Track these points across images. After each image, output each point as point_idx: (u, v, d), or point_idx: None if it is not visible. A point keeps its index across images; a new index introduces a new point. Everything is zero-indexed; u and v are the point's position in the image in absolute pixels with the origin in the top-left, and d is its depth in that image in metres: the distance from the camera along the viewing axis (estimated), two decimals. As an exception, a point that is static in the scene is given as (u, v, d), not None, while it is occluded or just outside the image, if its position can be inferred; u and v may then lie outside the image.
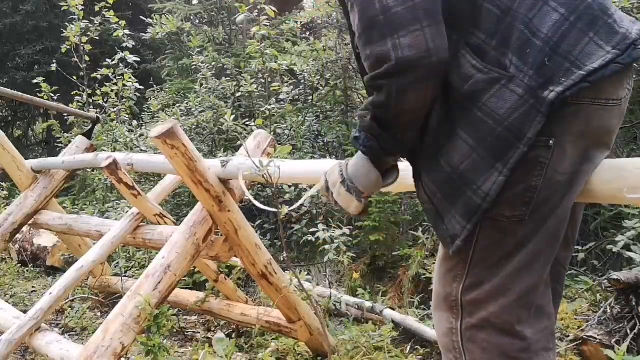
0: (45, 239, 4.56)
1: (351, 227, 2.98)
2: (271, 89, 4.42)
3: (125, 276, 3.35)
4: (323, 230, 2.82)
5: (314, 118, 4.75)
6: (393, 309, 2.93)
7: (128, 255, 3.71)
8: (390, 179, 1.23)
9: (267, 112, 4.19)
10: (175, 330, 2.97)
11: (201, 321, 3.22)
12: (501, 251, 1.06)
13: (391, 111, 1.05)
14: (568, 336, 2.49)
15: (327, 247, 2.84)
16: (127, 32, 5.20)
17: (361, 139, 1.14)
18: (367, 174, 1.17)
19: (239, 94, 4.64)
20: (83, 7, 5.20)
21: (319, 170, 1.75)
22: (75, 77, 5.44)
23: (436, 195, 1.10)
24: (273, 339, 2.74)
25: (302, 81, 4.90)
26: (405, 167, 1.27)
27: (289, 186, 3.82)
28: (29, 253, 4.56)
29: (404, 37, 0.99)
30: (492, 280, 1.07)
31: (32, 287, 4.00)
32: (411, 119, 1.07)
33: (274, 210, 1.53)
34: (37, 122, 11.38)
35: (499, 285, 1.07)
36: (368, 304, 2.92)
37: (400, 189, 1.38)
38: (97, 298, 3.45)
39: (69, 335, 3.00)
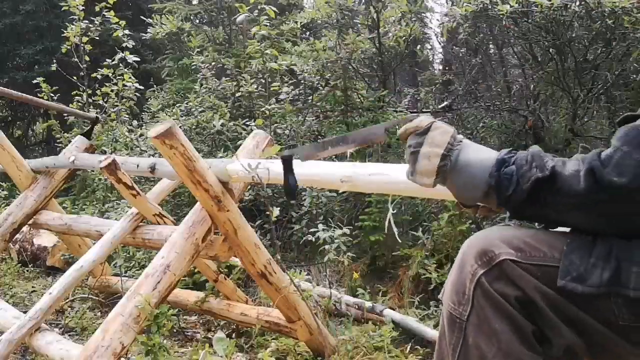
0: (45, 239, 4.56)
1: (351, 227, 2.98)
2: (271, 89, 4.42)
3: (125, 276, 3.35)
4: (323, 230, 2.82)
5: (314, 118, 4.75)
6: (393, 309, 2.93)
7: (128, 255, 3.71)
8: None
9: (267, 112, 4.19)
10: (175, 330, 2.96)
11: (201, 321, 3.21)
12: None
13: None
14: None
15: (327, 247, 2.84)
16: (127, 32, 5.20)
17: (509, 170, 1.00)
18: (472, 185, 1.04)
19: (239, 94, 4.64)
20: (83, 7, 5.21)
21: (311, 173, 1.75)
22: (75, 77, 5.45)
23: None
24: (273, 338, 2.74)
25: (302, 81, 4.90)
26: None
27: (289, 186, 3.81)
28: (29, 253, 4.56)
29: None
30: None
31: (32, 287, 4.00)
32: None
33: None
34: (37, 122, 11.38)
35: None
36: (368, 304, 2.92)
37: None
38: (97, 298, 3.44)
39: (69, 335, 2.99)
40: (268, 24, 4.22)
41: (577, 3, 3.57)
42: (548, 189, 0.97)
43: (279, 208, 2.45)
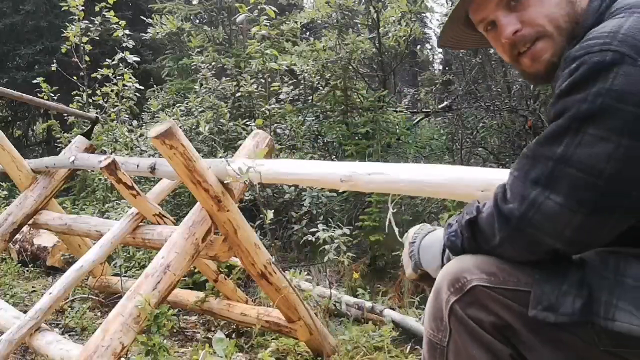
0: (45, 239, 4.56)
1: (351, 227, 2.98)
2: (271, 89, 4.42)
3: (125, 276, 3.34)
4: (323, 230, 2.82)
5: (314, 118, 4.75)
6: (393, 309, 2.93)
7: (128, 255, 3.71)
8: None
9: (267, 112, 4.19)
10: (175, 330, 2.96)
11: (201, 321, 3.21)
12: None
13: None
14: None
15: (327, 247, 2.84)
16: (127, 32, 5.20)
17: (452, 229, 1.08)
18: (433, 258, 1.15)
19: (239, 94, 4.64)
20: (83, 7, 5.21)
21: (305, 172, 1.76)
22: (75, 77, 5.44)
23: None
24: (273, 338, 2.74)
25: (302, 81, 4.90)
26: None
27: (289, 186, 3.82)
28: (29, 253, 4.56)
29: None
30: None
31: (32, 287, 4.00)
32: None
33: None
34: (37, 122, 11.39)
35: None
36: (368, 304, 2.92)
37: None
38: (97, 298, 3.44)
39: (69, 335, 2.99)
40: (268, 24, 4.22)
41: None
42: (478, 235, 1.00)
43: (273, 210, 2.44)
